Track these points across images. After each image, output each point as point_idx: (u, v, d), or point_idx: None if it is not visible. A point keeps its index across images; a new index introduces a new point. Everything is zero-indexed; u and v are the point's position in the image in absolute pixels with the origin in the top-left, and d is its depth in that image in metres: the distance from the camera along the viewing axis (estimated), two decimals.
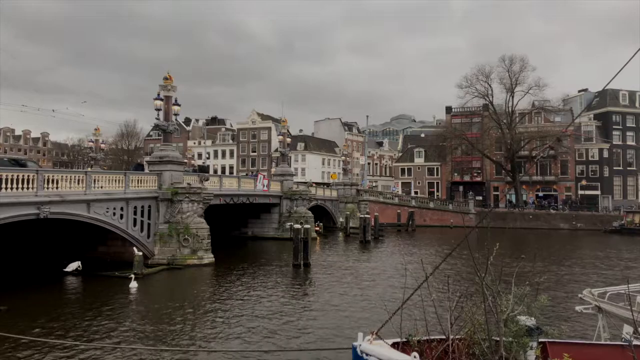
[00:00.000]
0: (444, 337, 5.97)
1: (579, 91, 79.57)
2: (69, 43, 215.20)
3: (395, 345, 5.65)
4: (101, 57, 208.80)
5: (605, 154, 69.07)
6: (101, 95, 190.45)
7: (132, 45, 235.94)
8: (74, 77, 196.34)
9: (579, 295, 10.07)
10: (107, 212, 23.80)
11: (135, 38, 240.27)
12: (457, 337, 5.93)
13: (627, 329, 8.55)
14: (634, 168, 70.08)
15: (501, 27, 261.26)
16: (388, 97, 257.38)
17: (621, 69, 5.40)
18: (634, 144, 70.36)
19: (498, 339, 5.78)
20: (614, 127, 70.12)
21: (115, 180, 25.11)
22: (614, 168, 69.22)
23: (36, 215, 19.80)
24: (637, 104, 71.56)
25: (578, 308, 9.80)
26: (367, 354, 5.23)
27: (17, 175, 19.23)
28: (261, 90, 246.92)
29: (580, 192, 68.39)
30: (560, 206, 65.80)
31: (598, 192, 68.31)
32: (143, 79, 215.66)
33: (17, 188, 18.98)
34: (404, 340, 5.86)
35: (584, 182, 68.37)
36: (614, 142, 69.41)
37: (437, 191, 77.71)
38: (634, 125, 70.83)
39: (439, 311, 6.28)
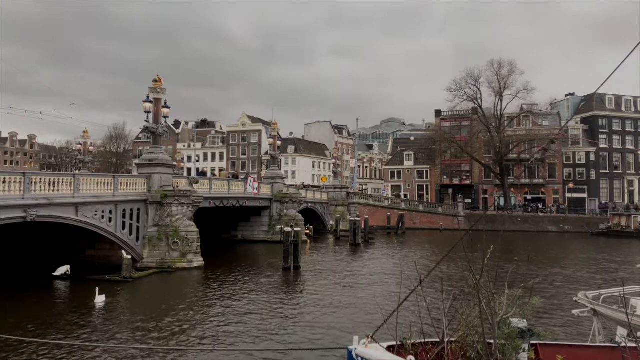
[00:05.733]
0: (438, 340, 5.97)
1: (566, 95, 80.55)
2: (48, 44, 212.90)
3: (390, 349, 5.64)
4: (83, 59, 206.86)
5: (592, 157, 69.89)
6: (84, 97, 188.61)
7: (113, 47, 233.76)
8: (55, 79, 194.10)
9: (574, 299, 10.13)
10: (95, 215, 23.54)
11: (116, 40, 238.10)
12: (451, 339, 5.93)
13: (621, 331, 8.63)
14: (620, 171, 70.99)
15: (483, 31, 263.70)
16: (375, 101, 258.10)
17: (611, 74, 5.44)
18: (620, 147, 71.31)
19: (491, 341, 5.79)
20: (600, 130, 71.02)
21: (104, 183, 24.85)
22: (601, 171, 70.07)
23: (23, 218, 19.50)
24: (623, 108, 72.57)
25: (575, 311, 9.87)
26: (362, 358, 5.22)
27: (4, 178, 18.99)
28: (246, 93, 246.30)
29: (568, 195, 69.09)
30: (548, 209, 66.46)
31: (585, 195, 69.07)
32: (126, 80, 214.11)
33: (3, 191, 18.73)
34: (399, 343, 5.85)
35: (571, 185, 69.09)
36: (600, 146, 70.30)
37: (427, 194, 78.00)
38: (620, 129, 71.81)
39: (433, 314, 6.28)
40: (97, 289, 18.55)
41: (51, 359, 12.02)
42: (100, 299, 18.17)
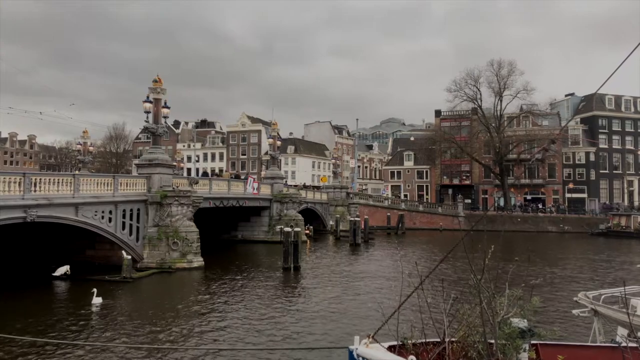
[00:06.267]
0: (439, 340, 5.97)
1: (566, 95, 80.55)
2: (48, 44, 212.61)
3: (391, 349, 5.64)
4: (82, 59, 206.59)
5: (592, 158, 69.91)
6: (84, 97, 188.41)
7: (113, 47, 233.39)
8: (54, 79, 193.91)
9: (574, 299, 10.14)
10: (95, 215, 23.53)
11: (116, 40, 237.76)
12: (452, 339, 5.93)
13: (621, 331, 8.63)
14: (620, 171, 71.00)
15: (482, 30, 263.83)
16: (375, 101, 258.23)
17: (611, 74, 5.41)
18: (619, 147, 71.33)
19: (492, 341, 5.79)
20: (600, 131, 71.04)
21: (104, 184, 24.84)
22: (601, 171, 70.09)
23: (23, 218, 19.49)
24: (622, 109, 72.58)
25: (575, 311, 9.88)
26: (363, 358, 5.22)
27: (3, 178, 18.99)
28: (246, 93, 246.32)
29: (568, 195, 69.12)
30: (548, 209, 66.47)
31: (585, 195, 69.09)
32: (126, 80, 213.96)
33: (3, 191, 18.73)
34: (400, 343, 5.85)
35: (571, 185, 69.10)
36: (600, 146, 70.32)
37: (427, 194, 77.99)
38: (619, 129, 71.83)
39: (434, 314, 6.28)
40: (95, 290, 18.19)
41: (45, 358, 12.02)
42: (97, 301, 17.80)
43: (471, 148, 68.95)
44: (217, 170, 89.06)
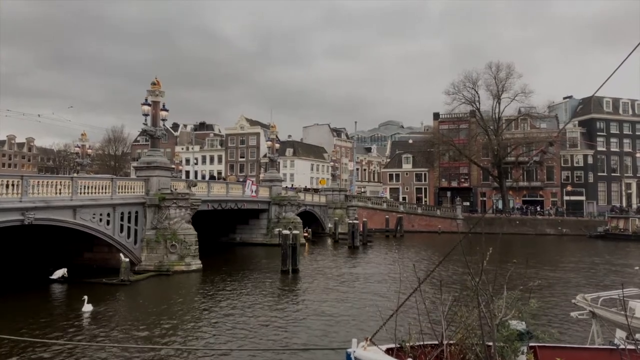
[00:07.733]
0: (437, 342, 5.96)
1: (564, 98, 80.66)
2: (47, 45, 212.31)
3: (389, 351, 5.63)
4: (81, 61, 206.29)
5: (590, 160, 70.01)
6: (82, 99, 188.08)
7: (111, 49, 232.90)
8: (53, 81, 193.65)
9: (573, 301, 10.15)
10: (93, 218, 23.49)
11: (114, 42, 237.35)
12: (450, 342, 5.92)
13: (620, 334, 8.63)
14: (618, 174, 71.10)
15: (481, 31, 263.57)
16: (374, 103, 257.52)
17: (609, 77, 5.43)
18: (617, 150, 71.44)
19: (490, 343, 5.78)
20: (598, 133, 71.13)
21: (102, 186, 24.80)
22: (599, 174, 70.19)
23: (20, 221, 19.46)
24: (620, 111, 72.73)
25: (573, 314, 9.89)
26: None
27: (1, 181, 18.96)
28: (245, 93, 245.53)
29: (566, 197, 69.20)
30: (546, 211, 66.52)
31: (583, 198, 69.17)
32: (124, 82, 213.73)
33: (1, 194, 18.69)
34: (398, 346, 5.84)
35: (569, 188, 69.20)
36: (598, 149, 70.45)
37: (425, 197, 78.02)
38: (617, 132, 71.94)
39: (432, 317, 6.27)
40: (86, 297, 17.36)
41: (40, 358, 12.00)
42: (87, 308, 17.02)
43: (469, 151, 69.01)
44: (215, 173, 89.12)
